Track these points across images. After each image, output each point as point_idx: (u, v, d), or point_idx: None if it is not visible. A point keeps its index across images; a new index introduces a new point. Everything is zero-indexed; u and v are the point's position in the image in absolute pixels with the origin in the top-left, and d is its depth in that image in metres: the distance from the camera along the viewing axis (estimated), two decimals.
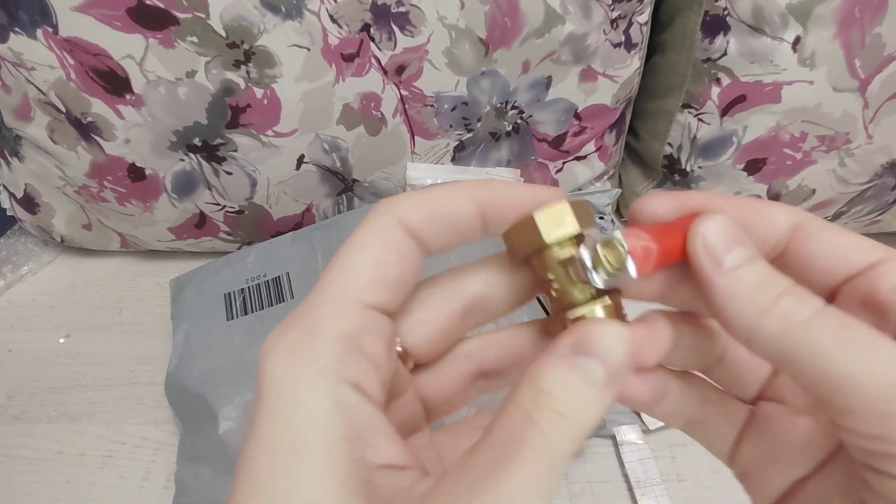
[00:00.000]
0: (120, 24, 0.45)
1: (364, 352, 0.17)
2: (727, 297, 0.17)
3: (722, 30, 0.51)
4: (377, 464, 0.16)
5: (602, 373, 0.16)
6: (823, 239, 0.18)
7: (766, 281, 0.17)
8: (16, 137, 0.53)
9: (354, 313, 0.17)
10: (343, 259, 0.18)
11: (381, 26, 0.48)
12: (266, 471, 0.16)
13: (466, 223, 0.19)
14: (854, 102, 0.51)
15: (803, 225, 0.19)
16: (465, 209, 0.19)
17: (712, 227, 0.17)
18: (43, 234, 0.62)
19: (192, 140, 0.51)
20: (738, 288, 0.17)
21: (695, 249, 0.18)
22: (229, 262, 0.53)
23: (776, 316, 0.16)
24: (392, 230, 0.18)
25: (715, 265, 0.17)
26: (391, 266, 0.18)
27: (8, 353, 0.56)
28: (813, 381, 0.16)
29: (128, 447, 0.49)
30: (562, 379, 0.16)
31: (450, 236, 0.19)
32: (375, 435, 0.17)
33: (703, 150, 0.57)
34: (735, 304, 0.17)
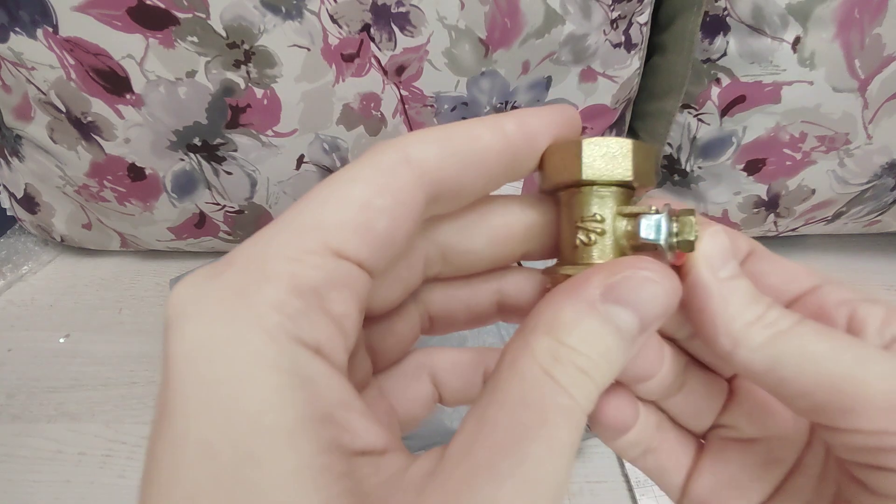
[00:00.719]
0: (120, 24, 0.45)
1: (328, 311, 0.13)
2: (721, 305, 0.17)
3: (722, 30, 0.51)
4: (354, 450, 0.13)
5: (635, 326, 0.14)
6: (774, 263, 0.19)
7: (754, 294, 0.17)
8: (16, 137, 0.53)
9: (320, 259, 0.13)
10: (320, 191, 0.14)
11: (381, 26, 0.48)
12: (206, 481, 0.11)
13: (493, 163, 0.16)
14: (854, 103, 0.51)
15: (756, 251, 0.19)
16: (492, 144, 0.15)
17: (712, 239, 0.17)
18: (43, 233, 0.62)
19: (192, 140, 0.51)
20: (732, 296, 0.17)
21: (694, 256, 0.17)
22: None
23: (764, 325, 0.16)
24: (396, 170, 0.14)
25: (712, 273, 0.17)
26: (383, 214, 0.14)
27: (8, 353, 0.56)
28: (806, 385, 0.16)
29: (128, 447, 0.49)
30: (589, 331, 0.14)
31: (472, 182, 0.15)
32: (348, 413, 0.13)
33: (703, 151, 0.57)
34: (727, 311, 0.17)
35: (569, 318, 0.14)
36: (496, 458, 0.13)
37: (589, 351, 0.14)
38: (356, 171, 0.14)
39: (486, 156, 0.15)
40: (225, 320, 0.12)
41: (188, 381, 0.12)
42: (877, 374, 0.15)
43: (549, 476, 0.13)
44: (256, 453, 0.11)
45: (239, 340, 0.12)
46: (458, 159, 0.15)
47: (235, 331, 0.12)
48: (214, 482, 0.11)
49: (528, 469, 0.13)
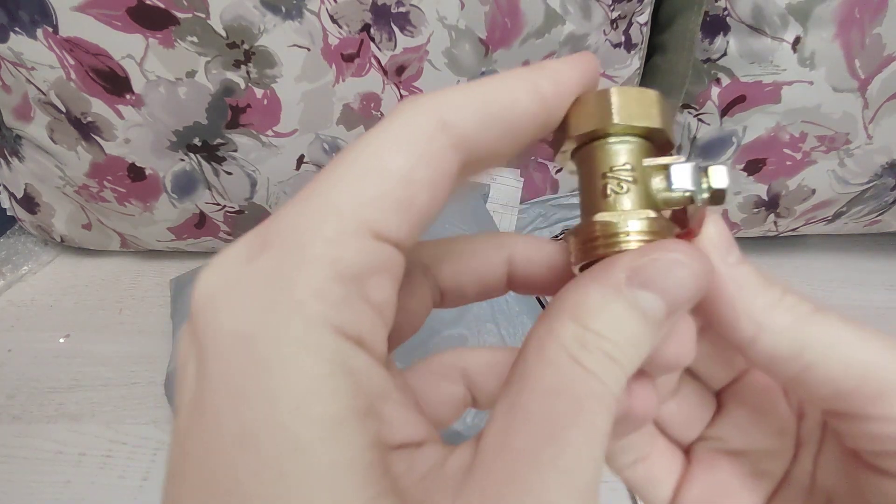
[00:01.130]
0: (120, 24, 0.45)
1: (369, 298, 0.12)
2: (737, 288, 0.16)
3: (722, 30, 0.51)
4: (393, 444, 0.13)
5: (663, 311, 0.14)
6: None
7: (767, 278, 0.17)
8: (16, 137, 0.53)
9: (361, 242, 0.12)
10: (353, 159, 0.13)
11: (381, 26, 0.48)
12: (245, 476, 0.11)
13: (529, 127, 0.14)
14: (854, 103, 0.51)
15: None
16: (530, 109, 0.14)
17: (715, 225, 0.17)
18: (43, 233, 0.62)
19: (192, 140, 0.51)
20: (747, 280, 0.16)
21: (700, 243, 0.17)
22: None
23: (785, 308, 0.16)
24: (432, 135, 0.13)
25: (722, 258, 0.16)
26: (424, 188, 0.13)
27: (8, 353, 0.56)
28: (833, 371, 0.16)
29: (128, 447, 0.49)
30: (615, 316, 0.14)
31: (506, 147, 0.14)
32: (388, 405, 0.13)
33: (703, 151, 0.57)
34: (745, 295, 0.16)
35: (595, 302, 0.14)
36: (535, 448, 0.12)
37: (616, 336, 0.13)
38: (392, 135, 0.13)
39: (524, 121, 0.14)
40: (264, 308, 0.11)
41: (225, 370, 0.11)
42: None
43: (590, 463, 0.13)
44: (302, 444, 0.11)
45: (280, 329, 0.11)
46: (496, 126, 0.14)
47: (276, 319, 0.11)
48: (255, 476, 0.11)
49: (569, 458, 0.12)
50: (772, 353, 0.16)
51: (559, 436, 0.12)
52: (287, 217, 0.12)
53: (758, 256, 0.66)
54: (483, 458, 0.13)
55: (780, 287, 0.17)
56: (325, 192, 0.12)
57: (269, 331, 0.11)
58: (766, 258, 0.65)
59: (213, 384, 0.11)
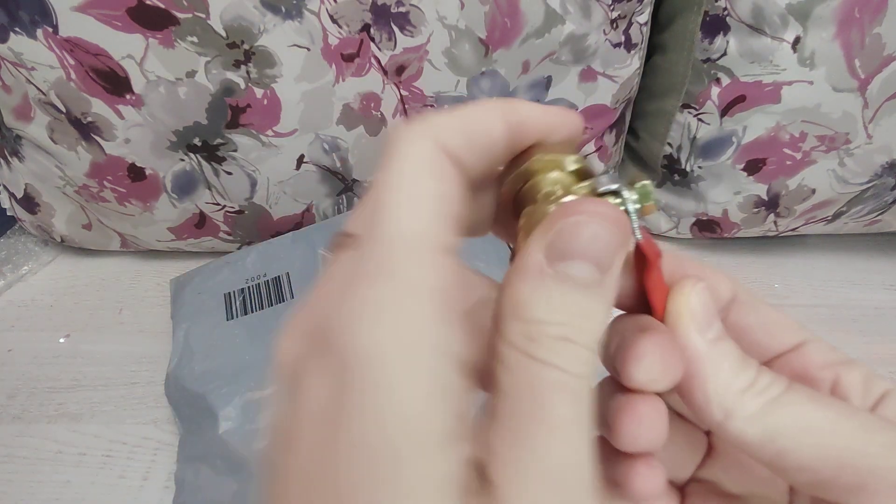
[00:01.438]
0: (120, 24, 0.45)
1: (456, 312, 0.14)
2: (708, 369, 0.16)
3: (722, 30, 0.51)
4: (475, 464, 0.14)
5: (593, 272, 0.14)
6: (759, 314, 0.18)
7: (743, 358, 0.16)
8: (16, 137, 0.53)
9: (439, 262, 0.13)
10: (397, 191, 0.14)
11: (381, 26, 0.48)
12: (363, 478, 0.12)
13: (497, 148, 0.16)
14: (854, 102, 0.51)
15: (739, 297, 0.18)
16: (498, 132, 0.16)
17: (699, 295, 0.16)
18: (43, 233, 0.62)
19: (192, 140, 0.51)
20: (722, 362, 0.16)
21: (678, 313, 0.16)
22: (229, 262, 0.53)
23: (756, 392, 0.15)
24: (439, 157, 0.14)
25: (700, 335, 0.16)
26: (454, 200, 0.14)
27: (8, 353, 0.56)
28: (807, 459, 0.15)
29: (128, 447, 0.49)
30: (549, 298, 0.14)
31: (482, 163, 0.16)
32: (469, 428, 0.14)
33: (703, 150, 0.57)
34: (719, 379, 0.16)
35: (525, 294, 0.14)
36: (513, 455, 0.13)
37: (558, 317, 0.13)
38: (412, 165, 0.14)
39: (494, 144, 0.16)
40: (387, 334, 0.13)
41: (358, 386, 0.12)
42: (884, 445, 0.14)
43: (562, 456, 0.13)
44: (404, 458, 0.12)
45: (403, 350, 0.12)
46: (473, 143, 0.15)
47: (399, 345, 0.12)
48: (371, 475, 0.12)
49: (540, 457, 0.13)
50: (741, 439, 0.16)
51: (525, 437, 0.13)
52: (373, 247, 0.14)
53: (758, 256, 0.66)
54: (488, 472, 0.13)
55: (755, 367, 0.16)
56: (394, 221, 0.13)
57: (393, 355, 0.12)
58: (766, 258, 0.65)
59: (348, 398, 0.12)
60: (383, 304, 0.13)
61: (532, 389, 0.13)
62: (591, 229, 0.14)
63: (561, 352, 0.13)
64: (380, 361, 0.12)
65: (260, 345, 0.46)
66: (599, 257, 0.14)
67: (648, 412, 0.16)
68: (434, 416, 0.12)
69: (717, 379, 0.16)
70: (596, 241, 0.14)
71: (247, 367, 0.45)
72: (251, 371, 0.45)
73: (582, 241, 0.14)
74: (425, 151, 0.14)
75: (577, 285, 0.14)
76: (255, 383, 0.44)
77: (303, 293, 0.49)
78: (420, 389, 0.12)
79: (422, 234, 0.13)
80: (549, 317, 0.13)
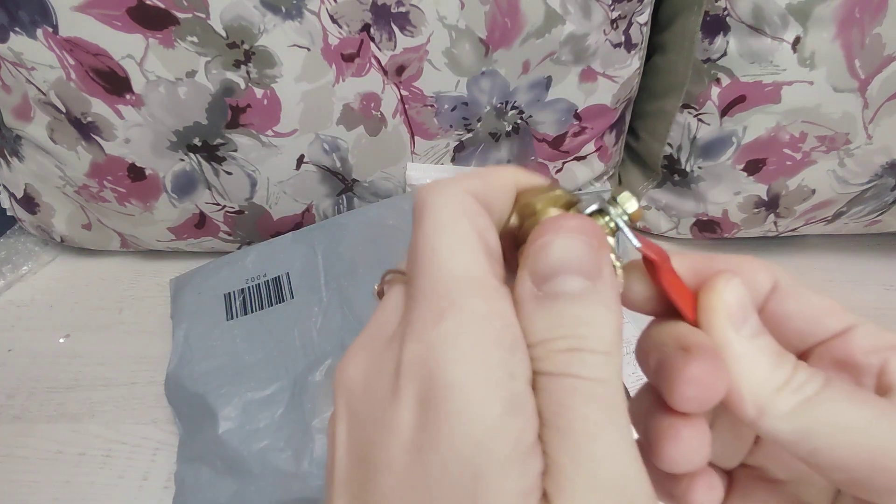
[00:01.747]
0: (120, 24, 0.45)
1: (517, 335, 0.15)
2: (747, 368, 0.16)
3: (722, 30, 0.51)
4: None
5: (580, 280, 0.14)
6: (800, 300, 0.18)
7: (779, 353, 0.16)
8: (16, 137, 0.53)
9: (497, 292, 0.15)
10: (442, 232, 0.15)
11: (381, 26, 0.48)
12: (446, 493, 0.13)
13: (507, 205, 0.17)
14: (854, 103, 0.51)
15: (780, 284, 0.18)
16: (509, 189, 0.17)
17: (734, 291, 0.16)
18: (43, 234, 0.62)
19: (192, 140, 0.51)
20: (757, 359, 0.16)
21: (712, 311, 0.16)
22: (229, 262, 0.53)
23: (792, 390, 0.15)
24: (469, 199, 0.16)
25: (735, 330, 0.16)
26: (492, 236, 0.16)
27: (8, 353, 0.56)
28: (841, 458, 0.15)
29: (128, 447, 0.49)
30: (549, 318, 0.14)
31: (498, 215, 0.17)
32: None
33: (703, 151, 0.57)
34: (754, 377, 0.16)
35: (525, 321, 0.15)
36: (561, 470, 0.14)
37: (560, 332, 0.14)
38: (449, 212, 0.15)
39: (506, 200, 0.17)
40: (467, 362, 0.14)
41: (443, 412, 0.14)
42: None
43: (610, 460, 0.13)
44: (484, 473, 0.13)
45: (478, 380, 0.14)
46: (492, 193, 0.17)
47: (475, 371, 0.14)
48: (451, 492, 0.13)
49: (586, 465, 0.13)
50: (775, 437, 0.16)
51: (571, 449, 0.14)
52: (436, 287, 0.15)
53: (758, 256, 0.65)
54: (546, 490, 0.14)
55: (791, 363, 0.16)
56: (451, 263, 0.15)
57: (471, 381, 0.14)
58: (766, 258, 0.65)
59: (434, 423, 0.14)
60: (458, 336, 0.14)
61: (560, 404, 0.14)
62: (560, 244, 0.15)
63: (572, 362, 0.14)
64: (460, 388, 0.13)
65: (260, 345, 0.46)
66: (579, 266, 0.14)
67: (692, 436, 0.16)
68: (510, 434, 0.13)
69: (752, 377, 0.16)
70: (568, 253, 0.15)
71: (247, 367, 0.45)
72: (251, 371, 0.45)
73: (555, 258, 0.15)
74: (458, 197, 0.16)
75: (570, 297, 0.14)
76: (255, 383, 0.44)
77: (303, 293, 0.49)
78: (495, 411, 0.13)
79: (477, 269, 0.15)
80: (550, 334, 0.14)
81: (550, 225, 0.15)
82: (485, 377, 0.14)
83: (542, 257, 0.15)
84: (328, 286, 0.49)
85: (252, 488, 0.41)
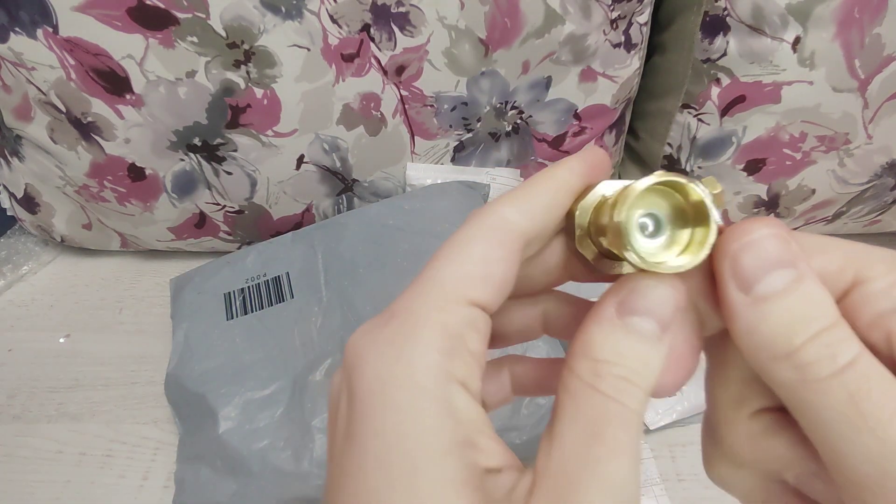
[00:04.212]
0: (120, 24, 0.45)
1: (469, 350, 0.16)
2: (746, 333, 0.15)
3: (722, 30, 0.51)
4: (485, 468, 0.16)
5: (654, 326, 0.16)
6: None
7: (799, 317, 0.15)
8: (16, 137, 0.53)
9: (460, 308, 0.16)
10: (448, 253, 0.17)
11: (381, 26, 0.48)
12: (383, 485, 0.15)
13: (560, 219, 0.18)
14: (854, 103, 0.51)
15: None
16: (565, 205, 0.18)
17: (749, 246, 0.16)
18: (43, 233, 0.62)
19: (192, 140, 0.51)
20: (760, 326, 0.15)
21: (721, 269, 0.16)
22: (229, 261, 0.53)
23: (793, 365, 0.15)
24: (499, 228, 0.17)
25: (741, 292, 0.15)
26: (498, 263, 0.17)
27: (8, 353, 0.56)
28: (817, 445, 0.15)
29: (128, 447, 0.49)
30: (616, 343, 0.16)
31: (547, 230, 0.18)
32: (483, 438, 0.16)
33: (703, 151, 0.57)
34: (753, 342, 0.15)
35: (597, 337, 0.16)
36: (572, 469, 0.15)
37: (621, 360, 0.16)
38: (469, 233, 0.17)
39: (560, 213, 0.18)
40: (396, 361, 0.15)
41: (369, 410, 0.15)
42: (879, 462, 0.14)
43: (616, 476, 0.15)
44: (419, 466, 0.14)
45: (407, 377, 0.15)
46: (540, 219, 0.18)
47: (405, 369, 0.15)
48: (389, 486, 0.14)
49: (596, 473, 0.15)
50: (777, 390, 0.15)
51: (587, 453, 0.15)
52: (408, 295, 0.17)
53: None
54: (537, 483, 0.15)
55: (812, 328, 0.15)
56: (432, 276, 0.17)
57: (398, 378, 0.15)
58: None
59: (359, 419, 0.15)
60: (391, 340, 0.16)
61: (596, 417, 0.15)
62: (658, 292, 0.16)
63: (622, 389, 0.15)
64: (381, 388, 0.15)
65: (260, 345, 0.46)
66: (662, 316, 0.16)
67: None
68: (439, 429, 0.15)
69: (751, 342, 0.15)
70: (660, 302, 0.16)
71: (247, 367, 0.45)
72: (251, 371, 0.45)
73: (648, 301, 0.16)
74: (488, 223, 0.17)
75: (640, 336, 0.16)
76: (254, 383, 0.44)
77: (303, 293, 0.49)
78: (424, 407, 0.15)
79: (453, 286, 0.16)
80: (614, 359, 0.16)
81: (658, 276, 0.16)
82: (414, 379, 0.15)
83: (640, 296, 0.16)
84: (328, 286, 0.49)
85: (252, 488, 0.41)
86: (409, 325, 0.16)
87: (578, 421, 0.15)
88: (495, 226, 0.17)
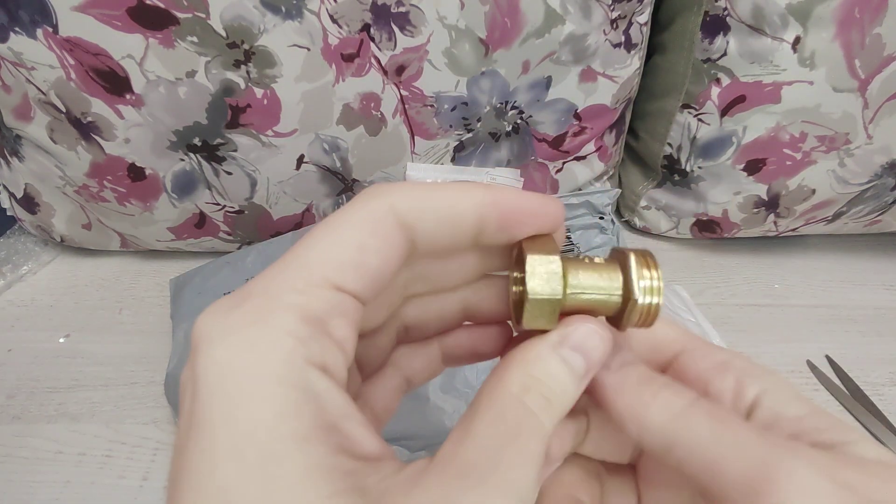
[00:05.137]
0: (120, 24, 0.45)
1: (331, 335, 0.15)
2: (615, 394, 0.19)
3: (722, 30, 0.52)
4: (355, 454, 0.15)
5: (583, 367, 0.18)
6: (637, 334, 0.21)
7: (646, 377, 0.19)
8: (16, 137, 0.53)
9: (322, 292, 0.15)
10: (319, 233, 0.16)
11: (381, 26, 0.48)
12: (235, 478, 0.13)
13: (463, 228, 0.18)
14: (854, 103, 0.51)
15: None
16: (466, 212, 0.17)
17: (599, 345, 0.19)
18: (43, 233, 0.62)
19: (192, 140, 0.51)
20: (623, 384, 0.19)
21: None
22: (229, 261, 0.53)
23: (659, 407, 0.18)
24: (382, 215, 0.16)
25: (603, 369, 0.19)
26: (374, 253, 0.16)
27: (8, 353, 0.56)
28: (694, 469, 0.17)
29: (128, 447, 0.49)
30: (550, 367, 0.17)
31: (443, 238, 0.18)
32: (349, 423, 0.15)
33: (703, 151, 0.57)
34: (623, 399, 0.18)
35: (535, 355, 0.18)
36: (480, 460, 0.15)
37: (551, 383, 0.17)
38: (350, 215, 0.16)
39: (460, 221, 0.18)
40: (247, 344, 0.14)
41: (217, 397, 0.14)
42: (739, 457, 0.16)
43: (524, 478, 0.15)
44: (277, 454, 0.13)
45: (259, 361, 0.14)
46: (433, 217, 0.17)
47: (256, 353, 0.14)
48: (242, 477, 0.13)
49: (506, 470, 0.15)
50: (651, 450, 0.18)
51: (500, 452, 0.15)
52: (267, 275, 0.16)
53: (758, 256, 0.66)
54: (436, 464, 0.15)
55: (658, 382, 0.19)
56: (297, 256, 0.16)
57: (251, 364, 0.14)
58: (766, 258, 0.65)
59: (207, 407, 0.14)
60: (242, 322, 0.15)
61: (514, 423, 0.16)
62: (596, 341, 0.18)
63: (543, 406, 0.17)
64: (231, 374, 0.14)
65: None
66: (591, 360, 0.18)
67: None
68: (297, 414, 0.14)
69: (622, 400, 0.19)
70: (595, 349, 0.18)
71: None
72: None
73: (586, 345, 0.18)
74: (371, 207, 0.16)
75: (571, 370, 0.18)
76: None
77: None
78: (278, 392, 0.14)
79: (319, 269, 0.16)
80: (545, 379, 0.17)
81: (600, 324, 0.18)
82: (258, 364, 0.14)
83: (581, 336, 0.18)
84: None
85: None
86: (264, 308, 0.15)
87: (498, 423, 0.16)
88: (379, 211, 0.17)
